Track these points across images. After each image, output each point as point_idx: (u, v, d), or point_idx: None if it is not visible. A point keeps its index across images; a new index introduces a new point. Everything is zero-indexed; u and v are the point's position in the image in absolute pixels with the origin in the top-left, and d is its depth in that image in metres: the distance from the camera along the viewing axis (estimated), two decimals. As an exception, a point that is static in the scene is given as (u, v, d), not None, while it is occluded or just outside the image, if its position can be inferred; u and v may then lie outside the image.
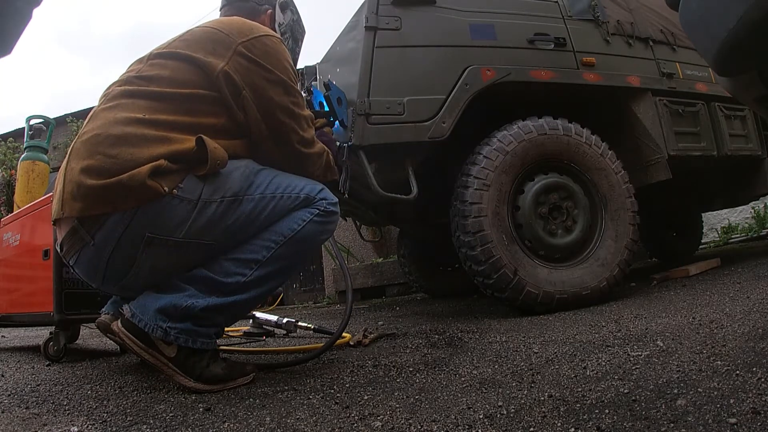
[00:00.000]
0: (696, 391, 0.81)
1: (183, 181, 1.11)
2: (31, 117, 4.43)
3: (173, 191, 1.10)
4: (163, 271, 1.18)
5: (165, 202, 1.09)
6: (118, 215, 1.08)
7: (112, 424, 0.93)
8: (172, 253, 1.15)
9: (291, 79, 1.30)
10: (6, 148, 7.04)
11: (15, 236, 1.93)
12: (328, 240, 1.40)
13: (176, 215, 1.11)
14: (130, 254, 1.12)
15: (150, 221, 1.09)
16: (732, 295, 1.70)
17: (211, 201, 1.14)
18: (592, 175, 2.11)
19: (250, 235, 1.21)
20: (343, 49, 2.23)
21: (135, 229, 1.09)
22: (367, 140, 1.86)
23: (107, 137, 1.10)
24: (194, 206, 1.12)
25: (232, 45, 1.23)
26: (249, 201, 1.19)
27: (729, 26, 0.73)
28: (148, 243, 1.11)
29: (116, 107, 1.17)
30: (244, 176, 1.20)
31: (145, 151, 1.09)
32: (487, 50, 2.11)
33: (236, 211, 1.17)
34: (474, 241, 1.90)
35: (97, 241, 1.11)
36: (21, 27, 0.62)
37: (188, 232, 1.13)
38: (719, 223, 5.27)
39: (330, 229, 1.33)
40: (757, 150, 2.61)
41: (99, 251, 1.12)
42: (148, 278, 1.18)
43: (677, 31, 2.55)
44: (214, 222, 1.15)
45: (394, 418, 0.86)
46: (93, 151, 1.10)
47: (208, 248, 1.18)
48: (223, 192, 1.15)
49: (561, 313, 1.90)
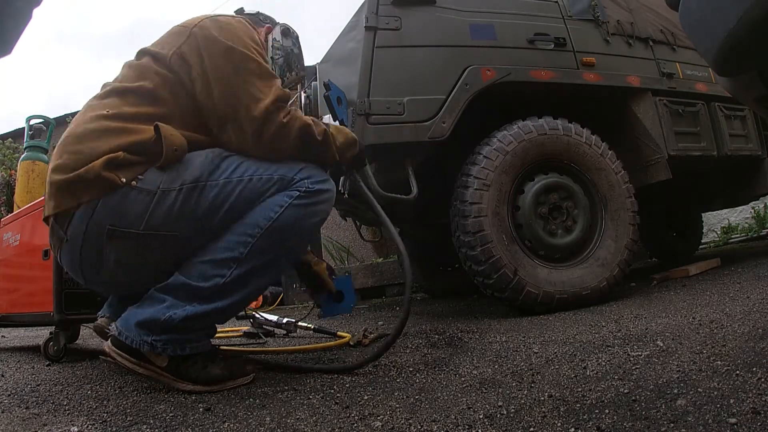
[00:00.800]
0: (696, 391, 0.81)
1: (144, 174, 1.10)
2: (31, 117, 4.43)
3: (132, 183, 1.09)
4: (133, 268, 1.16)
5: (124, 194, 1.08)
6: (83, 209, 1.09)
7: (112, 424, 0.93)
8: (136, 246, 1.12)
9: (243, 46, 1.20)
10: (6, 148, 7.03)
11: (15, 236, 1.93)
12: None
13: (135, 207, 1.09)
14: (97, 248, 1.11)
15: (110, 213, 1.08)
16: (732, 295, 1.70)
17: (170, 190, 1.10)
18: (592, 175, 2.11)
19: (219, 226, 1.13)
20: (343, 49, 2.23)
21: (97, 222, 1.09)
22: (367, 140, 1.86)
23: (73, 136, 1.14)
24: (153, 196, 1.09)
25: (188, 29, 1.23)
26: (212, 187, 1.12)
27: (729, 26, 0.73)
28: (110, 236, 1.10)
29: (87, 110, 1.20)
30: (207, 161, 1.14)
31: (104, 144, 1.09)
32: (487, 50, 2.11)
33: (198, 199, 1.11)
34: (474, 241, 1.90)
35: (69, 236, 1.12)
36: (21, 27, 0.62)
37: (148, 223, 1.09)
38: (719, 223, 5.27)
39: (319, 210, 1.20)
40: (757, 150, 2.61)
41: (72, 246, 1.13)
42: (123, 275, 1.18)
43: (677, 31, 2.54)
44: (174, 212, 1.10)
45: (394, 418, 0.86)
46: (61, 151, 1.13)
47: (174, 241, 1.13)
48: (183, 179, 1.11)
49: (561, 313, 1.90)
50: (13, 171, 5.56)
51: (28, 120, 4.41)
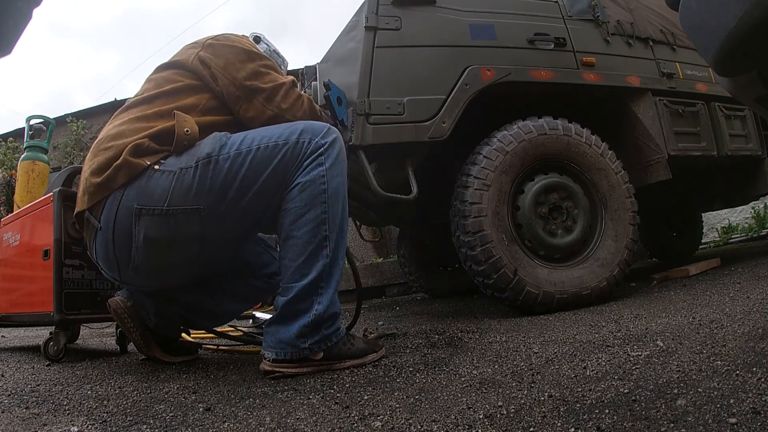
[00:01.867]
0: (696, 391, 0.81)
1: (167, 159, 1.24)
2: (31, 117, 4.43)
3: (155, 166, 1.22)
4: (162, 249, 1.25)
5: (149, 176, 1.21)
6: (113, 195, 1.22)
7: (112, 424, 0.93)
8: (162, 223, 1.21)
9: (251, 49, 1.44)
10: (6, 148, 7.03)
11: (15, 236, 1.93)
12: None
13: (159, 185, 1.20)
14: (127, 229, 1.22)
15: (137, 195, 1.20)
16: (732, 295, 1.70)
17: (187, 167, 1.21)
18: (592, 175, 2.11)
19: (237, 196, 1.24)
20: (343, 49, 2.23)
21: (126, 203, 1.20)
22: (367, 140, 1.86)
23: (106, 137, 1.29)
24: (174, 175, 1.21)
25: (200, 44, 1.44)
26: (225, 159, 1.23)
27: (729, 26, 0.73)
28: (137, 215, 1.20)
29: (114, 119, 1.37)
30: (216, 139, 1.26)
31: (132, 137, 1.24)
32: (487, 50, 2.11)
33: (213, 171, 1.22)
34: (474, 241, 1.90)
35: (102, 223, 1.24)
36: (21, 27, 0.62)
37: (171, 199, 1.20)
38: (719, 223, 5.28)
39: (342, 157, 1.33)
40: (757, 150, 2.61)
41: (105, 233, 1.24)
42: (153, 258, 1.26)
43: (677, 31, 2.55)
44: (194, 186, 1.21)
45: (394, 418, 0.86)
46: (95, 152, 1.28)
47: (198, 216, 1.22)
48: (197, 157, 1.22)
49: (561, 313, 1.90)
50: (13, 171, 5.56)
51: (28, 120, 4.41)
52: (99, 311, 1.72)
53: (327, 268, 1.25)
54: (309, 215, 1.25)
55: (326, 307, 1.25)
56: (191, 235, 1.24)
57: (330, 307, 1.26)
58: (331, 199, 1.27)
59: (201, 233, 1.24)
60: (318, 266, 1.24)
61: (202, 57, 1.38)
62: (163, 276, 1.36)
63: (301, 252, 1.24)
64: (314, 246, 1.24)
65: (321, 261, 1.25)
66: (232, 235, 1.35)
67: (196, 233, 1.24)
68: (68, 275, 1.65)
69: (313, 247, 1.24)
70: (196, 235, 1.24)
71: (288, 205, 1.26)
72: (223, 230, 1.28)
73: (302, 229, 1.24)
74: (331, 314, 1.27)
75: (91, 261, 1.70)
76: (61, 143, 7.58)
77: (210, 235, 1.26)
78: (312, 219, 1.25)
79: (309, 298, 1.24)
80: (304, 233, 1.24)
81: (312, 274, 1.24)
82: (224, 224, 1.26)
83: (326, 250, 1.25)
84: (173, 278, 1.40)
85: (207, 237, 1.26)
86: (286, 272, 1.26)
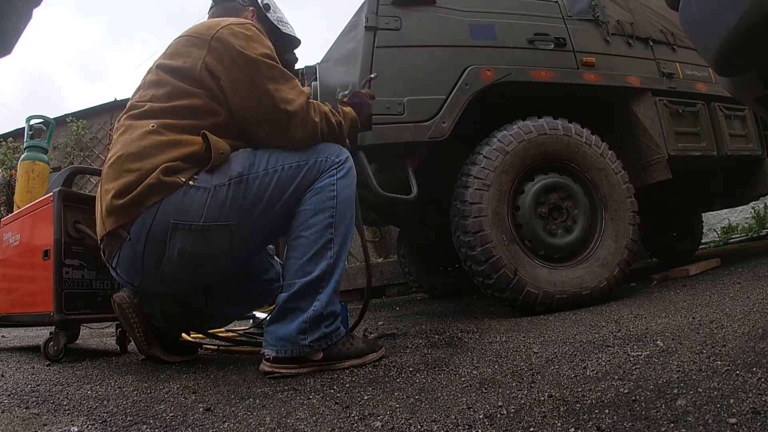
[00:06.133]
0: (696, 391, 0.81)
1: (198, 174, 1.26)
2: (31, 117, 4.43)
3: (190, 182, 1.25)
4: (194, 260, 1.29)
5: (184, 192, 1.24)
6: (147, 210, 1.23)
7: (112, 424, 0.93)
8: (197, 239, 1.26)
9: (264, 56, 1.34)
10: (6, 148, 7.03)
11: (15, 236, 1.93)
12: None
13: (195, 202, 1.24)
14: (161, 242, 1.25)
15: (173, 210, 1.23)
16: (732, 295, 1.70)
17: (221, 185, 1.26)
18: (592, 175, 2.11)
19: (262, 213, 1.30)
20: (343, 49, 2.23)
21: (162, 218, 1.23)
22: (367, 140, 1.86)
23: (129, 155, 1.26)
24: (208, 192, 1.24)
25: (206, 41, 1.34)
26: (254, 178, 1.29)
27: (729, 26, 0.73)
28: (173, 229, 1.24)
29: (129, 129, 1.32)
30: (245, 158, 1.31)
31: (162, 156, 1.24)
32: (487, 50, 2.11)
33: (245, 190, 1.27)
34: (474, 241, 1.90)
35: (132, 235, 1.25)
36: (21, 27, 0.62)
37: (206, 215, 1.24)
38: (719, 223, 5.27)
39: (352, 172, 1.39)
40: (757, 150, 2.61)
41: (134, 244, 1.26)
42: (185, 267, 1.30)
43: (677, 31, 2.54)
44: (228, 203, 1.25)
45: (394, 418, 0.86)
46: (119, 170, 1.25)
47: (228, 231, 1.27)
48: (229, 175, 1.27)
49: (561, 313, 1.90)
50: (13, 171, 5.56)
51: (28, 120, 4.41)
52: (99, 311, 1.72)
53: (329, 269, 1.30)
54: (317, 218, 1.31)
55: (325, 305, 1.28)
56: (221, 249, 1.30)
57: (329, 305, 1.29)
58: (339, 207, 1.33)
59: (230, 247, 1.31)
60: (321, 265, 1.29)
61: (209, 66, 1.31)
62: (184, 283, 1.40)
63: (307, 251, 1.29)
64: (319, 246, 1.30)
65: (324, 261, 1.29)
66: (253, 248, 1.44)
67: (225, 247, 1.30)
68: (68, 275, 1.65)
69: (318, 248, 1.29)
70: (226, 248, 1.31)
71: (299, 208, 1.33)
72: (248, 243, 1.36)
73: (309, 230, 1.30)
74: (330, 312, 1.29)
75: (91, 261, 1.71)
76: (61, 143, 7.57)
77: (236, 249, 1.33)
78: (319, 222, 1.31)
79: (310, 295, 1.28)
80: (311, 233, 1.30)
81: (315, 272, 1.28)
82: (249, 238, 1.34)
83: (330, 252, 1.30)
84: (192, 285, 1.44)
85: (234, 250, 1.33)
86: (291, 269, 1.30)
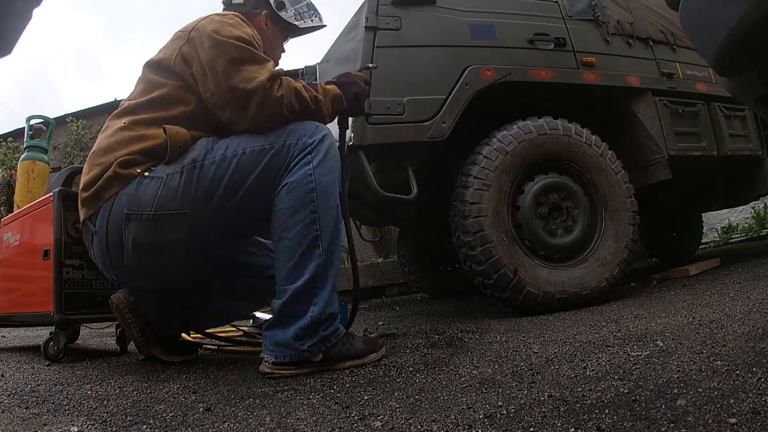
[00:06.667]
0: (696, 391, 0.81)
1: (156, 166, 1.27)
2: (31, 117, 4.43)
3: (145, 173, 1.26)
4: (151, 252, 1.28)
5: (138, 183, 1.25)
6: (107, 202, 1.27)
7: (112, 424, 0.93)
8: (150, 229, 1.25)
9: (234, 38, 1.28)
10: (6, 148, 7.03)
11: (15, 236, 1.93)
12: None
13: (148, 192, 1.24)
14: (118, 233, 1.27)
15: (126, 200, 1.25)
16: (732, 295, 1.70)
17: (174, 173, 1.24)
18: (592, 175, 2.11)
19: (222, 202, 1.24)
20: (343, 49, 2.23)
21: (117, 209, 1.26)
22: (367, 140, 1.86)
23: (98, 151, 1.32)
24: (161, 181, 1.24)
25: (187, 33, 1.36)
26: (210, 164, 1.24)
27: (729, 26, 0.73)
28: (126, 219, 1.25)
29: (107, 128, 1.37)
30: (202, 146, 1.28)
31: (123, 150, 1.27)
32: (487, 50, 2.11)
33: (199, 176, 1.23)
34: (474, 241, 1.90)
35: (97, 228, 1.30)
36: (21, 27, 0.62)
37: (157, 205, 1.23)
38: (719, 223, 5.28)
39: (332, 153, 1.29)
40: (757, 150, 2.61)
41: (100, 236, 1.30)
42: (144, 260, 1.30)
43: (677, 31, 2.54)
44: (180, 191, 1.23)
45: (394, 418, 0.86)
46: (90, 165, 1.32)
47: (185, 221, 1.24)
48: (183, 163, 1.25)
49: (561, 313, 1.89)
50: (13, 171, 5.56)
51: (28, 120, 4.41)
52: (99, 311, 1.72)
53: (321, 269, 1.23)
54: (297, 216, 1.23)
55: (323, 308, 1.24)
56: (177, 239, 1.27)
57: (327, 307, 1.25)
58: (320, 199, 1.24)
59: (187, 237, 1.26)
60: (311, 267, 1.22)
61: (184, 54, 1.32)
62: (156, 277, 1.38)
63: (292, 254, 1.23)
64: (305, 247, 1.23)
65: (314, 262, 1.23)
66: (220, 239, 1.36)
67: (182, 237, 1.26)
68: (68, 275, 1.65)
69: (304, 249, 1.23)
70: (183, 238, 1.27)
71: (277, 207, 1.25)
72: (210, 234, 1.30)
73: (291, 231, 1.23)
74: (328, 315, 1.25)
75: (90, 261, 1.71)
76: (61, 143, 7.58)
77: (197, 239, 1.28)
78: (300, 220, 1.23)
79: (304, 299, 1.23)
80: (294, 235, 1.23)
81: (305, 276, 1.22)
82: (211, 228, 1.28)
83: (318, 251, 1.23)
84: (168, 280, 1.42)
85: (194, 241, 1.28)
86: (281, 275, 1.25)
